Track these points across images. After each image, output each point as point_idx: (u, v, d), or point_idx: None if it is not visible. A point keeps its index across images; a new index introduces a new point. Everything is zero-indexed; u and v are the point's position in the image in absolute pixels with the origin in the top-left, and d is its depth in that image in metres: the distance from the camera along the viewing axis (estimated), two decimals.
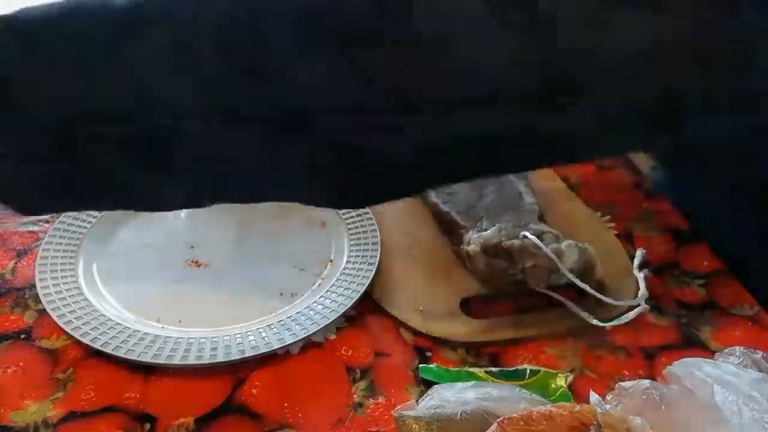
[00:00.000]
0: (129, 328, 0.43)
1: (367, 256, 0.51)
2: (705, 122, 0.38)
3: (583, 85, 0.34)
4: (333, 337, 0.46)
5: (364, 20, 0.33)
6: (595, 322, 0.45)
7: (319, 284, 0.49)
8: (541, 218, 0.53)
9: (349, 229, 0.54)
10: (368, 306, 0.48)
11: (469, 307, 0.49)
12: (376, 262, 0.50)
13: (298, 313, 0.45)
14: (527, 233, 0.48)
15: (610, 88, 0.35)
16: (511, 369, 0.43)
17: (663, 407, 0.34)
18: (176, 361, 0.41)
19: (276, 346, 0.42)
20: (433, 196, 0.56)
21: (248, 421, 0.39)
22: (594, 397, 0.36)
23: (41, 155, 0.39)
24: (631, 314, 0.46)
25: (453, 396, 0.37)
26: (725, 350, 0.39)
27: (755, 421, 0.32)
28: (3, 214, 0.55)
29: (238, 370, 0.42)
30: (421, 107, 0.35)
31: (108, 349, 0.41)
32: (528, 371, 0.42)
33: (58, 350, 0.43)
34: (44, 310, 0.44)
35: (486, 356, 0.45)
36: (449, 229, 0.54)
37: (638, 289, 0.48)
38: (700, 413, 0.33)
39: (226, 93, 0.36)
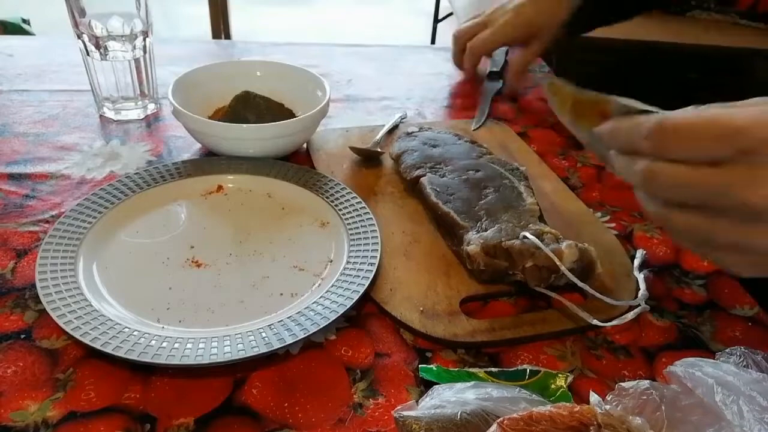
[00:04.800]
0: (129, 328, 0.43)
1: (367, 256, 0.51)
2: None
3: None
4: (333, 337, 0.46)
5: None
6: (595, 322, 0.45)
7: (319, 284, 0.49)
8: (541, 218, 0.53)
9: (349, 229, 0.54)
10: (368, 306, 0.48)
11: (469, 307, 0.49)
12: (376, 262, 0.50)
13: (298, 313, 0.45)
14: (527, 233, 0.48)
15: None
16: (511, 369, 0.43)
17: (663, 407, 0.34)
18: (176, 361, 0.41)
19: (276, 346, 0.42)
20: (433, 196, 0.56)
21: (248, 421, 0.39)
22: (594, 397, 0.36)
23: None
24: (631, 314, 0.46)
25: (453, 396, 0.37)
26: (725, 350, 0.39)
27: (755, 421, 0.32)
28: (3, 214, 0.55)
29: (238, 370, 0.42)
30: None
31: (108, 349, 0.41)
32: (528, 371, 0.42)
33: (58, 350, 0.43)
34: (44, 310, 0.44)
35: (486, 356, 0.45)
36: (449, 230, 0.54)
37: (638, 289, 0.48)
38: (700, 413, 0.33)
39: None
